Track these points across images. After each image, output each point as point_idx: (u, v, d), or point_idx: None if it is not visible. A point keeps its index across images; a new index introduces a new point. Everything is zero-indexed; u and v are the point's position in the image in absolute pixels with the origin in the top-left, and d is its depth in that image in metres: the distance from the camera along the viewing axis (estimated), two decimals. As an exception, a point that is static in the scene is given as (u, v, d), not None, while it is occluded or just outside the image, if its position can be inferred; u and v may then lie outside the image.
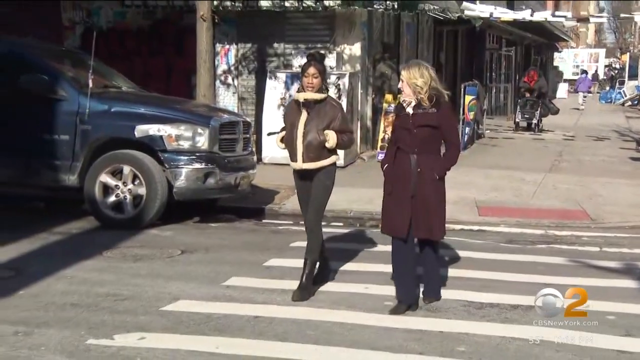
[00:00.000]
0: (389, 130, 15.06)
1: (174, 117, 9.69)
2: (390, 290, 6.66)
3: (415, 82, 5.97)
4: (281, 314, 6.12)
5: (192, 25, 12.18)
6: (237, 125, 10.34)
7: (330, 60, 15.03)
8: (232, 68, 15.70)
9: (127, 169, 9.35)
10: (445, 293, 6.82)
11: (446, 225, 9.82)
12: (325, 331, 5.73)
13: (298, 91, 6.70)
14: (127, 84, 11.03)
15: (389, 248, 8.58)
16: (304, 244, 6.69)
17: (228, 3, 14.38)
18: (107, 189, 9.49)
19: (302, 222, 7.56)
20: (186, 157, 9.42)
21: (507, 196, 12.20)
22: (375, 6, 14.59)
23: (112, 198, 9.47)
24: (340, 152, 13.89)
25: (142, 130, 9.34)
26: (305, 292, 6.56)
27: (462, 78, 22.89)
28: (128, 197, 9.38)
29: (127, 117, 9.59)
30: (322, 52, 7.49)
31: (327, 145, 6.51)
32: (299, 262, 6.86)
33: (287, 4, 14.39)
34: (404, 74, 6.09)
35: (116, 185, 9.44)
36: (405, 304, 6.18)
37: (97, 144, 9.55)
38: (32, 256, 8.10)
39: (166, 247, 8.49)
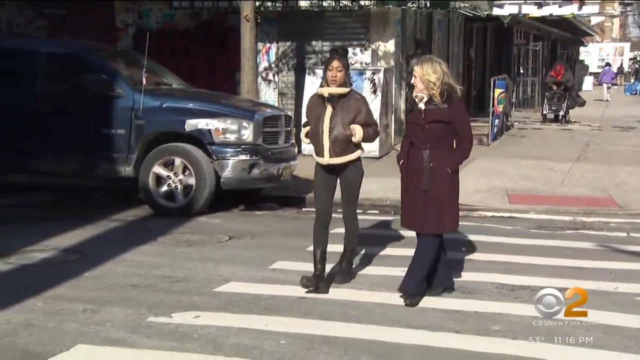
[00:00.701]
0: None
1: (221, 111, 9.84)
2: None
3: (428, 78, 5.74)
4: (324, 295, 6.20)
5: (236, 25, 12.32)
6: (279, 119, 10.44)
7: (365, 57, 15.22)
8: (273, 65, 15.79)
9: (178, 161, 9.51)
10: (479, 276, 6.89)
11: (477, 212, 10.13)
12: (366, 311, 5.83)
13: (321, 86, 6.36)
14: (176, 81, 11.20)
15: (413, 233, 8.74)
16: (342, 230, 6.72)
17: (269, 4, 14.46)
18: (159, 180, 9.67)
19: (340, 211, 7.55)
20: (232, 149, 9.56)
21: (536, 184, 12.17)
22: (408, 5, 14.59)
23: (165, 188, 9.63)
24: (376, 144, 14.20)
25: (192, 124, 9.49)
26: (344, 277, 6.58)
27: (491, 72, 22.80)
28: (179, 186, 9.54)
29: (178, 112, 9.75)
30: (346, 48, 6.96)
31: (354, 139, 6.22)
32: (338, 247, 6.92)
33: (325, 3, 14.47)
34: (417, 69, 5.84)
35: (168, 176, 9.61)
36: (418, 295, 6.03)
37: (150, 138, 9.71)
38: (94, 241, 8.29)
39: (215, 233, 8.61)
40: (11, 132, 10.11)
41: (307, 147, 13.83)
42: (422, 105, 5.81)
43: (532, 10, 20.53)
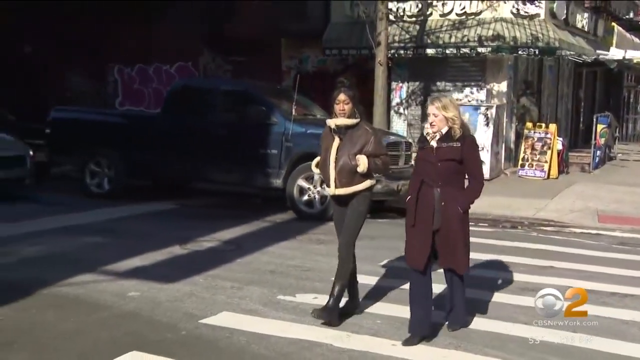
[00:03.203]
0: (529, 151, 14.78)
1: None
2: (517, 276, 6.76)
3: (448, 114, 4.76)
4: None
5: (374, 68, 12.55)
6: (400, 145, 10.51)
7: (480, 95, 15.04)
8: (403, 101, 15.84)
9: (317, 176, 9.58)
10: (557, 281, 6.71)
11: (568, 229, 9.83)
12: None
13: (331, 117, 5.41)
14: (321, 113, 11.44)
15: (517, 243, 8.63)
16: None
17: (402, 51, 14.66)
18: (302, 190, 9.93)
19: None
20: None
21: (626, 208, 11.52)
22: (519, 52, 14.33)
23: (305, 197, 9.90)
24: (486, 167, 14.01)
25: None
26: (326, 314, 5.22)
27: (600, 110, 21.70)
28: (317, 197, 9.80)
29: (318, 137, 10.00)
30: (351, 79, 5.73)
31: (358, 169, 5.18)
32: None
33: (448, 51, 14.46)
34: (435, 106, 4.79)
35: (308, 188, 9.87)
36: (418, 336, 4.89)
37: (296, 157, 9.99)
38: (248, 236, 8.64)
39: None
40: (197, 150, 10.85)
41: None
42: (434, 143, 4.83)
43: (636, 55, 19.55)
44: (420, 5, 14.96)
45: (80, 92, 19.46)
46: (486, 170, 13.91)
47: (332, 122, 5.34)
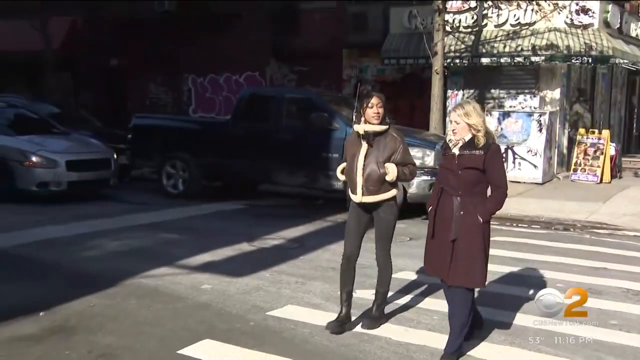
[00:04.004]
0: (581, 156, 14.35)
1: (411, 142, 9.67)
2: (570, 277, 6.55)
3: (471, 121, 4.28)
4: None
5: (431, 77, 12.44)
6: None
7: (534, 102, 14.70)
8: (459, 108, 15.65)
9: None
10: (610, 281, 6.52)
11: (620, 232, 9.51)
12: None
13: (357, 122, 4.93)
14: None
15: (570, 245, 8.41)
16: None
17: (457, 61, 14.48)
18: (364, 192, 9.98)
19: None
20: (418, 171, 9.64)
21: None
22: (573, 61, 13.94)
23: (367, 198, 9.94)
24: (539, 171, 13.70)
25: None
26: (373, 322, 5.03)
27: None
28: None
29: None
30: (374, 84, 5.01)
31: (387, 178, 4.78)
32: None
33: (502, 60, 14.19)
34: (457, 113, 4.33)
35: (370, 190, 9.91)
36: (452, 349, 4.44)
37: None
38: (311, 235, 8.65)
39: (400, 234, 8.39)
40: (263, 154, 10.98)
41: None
42: (456, 150, 4.36)
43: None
44: (475, 17, 14.74)
45: (158, 100, 20.02)
46: (539, 174, 13.61)
47: (360, 128, 4.87)
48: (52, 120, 12.23)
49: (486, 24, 14.65)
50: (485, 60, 14.35)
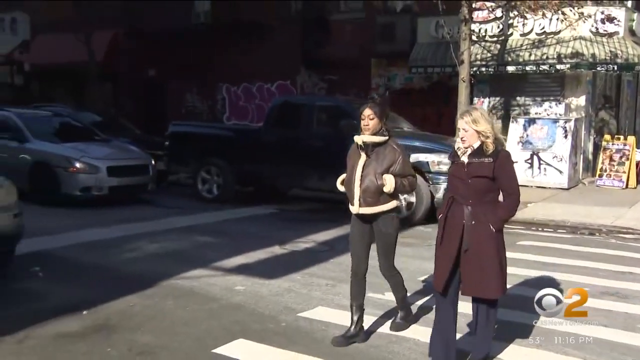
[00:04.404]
0: (607, 162, 14.08)
1: (437, 148, 9.86)
2: (596, 281, 6.41)
3: (479, 127, 4.00)
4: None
5: (457, 85, 12.35)
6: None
7: (559, 109, 14.46)
8: (485, 115, 15.49)
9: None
10: (636, 286, 6.37)
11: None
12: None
13: (359, 133, 4.74)
14: (407, 126, 11.41)
15: (596, 250, 8.26)
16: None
17: (483, 69, 14.34)
18: (391, 197, 9.95)
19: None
20: (444, 177, 9.47)
21: None
22: (598, 68, 13.69)
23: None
24: (565, 177, 13.48)
25: (415, 157, 9.51)
26: (401, 325, 4.96)
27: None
28: (404, 203, 9.63)
29: (405, 148, 9.93)
30: (382, 94, 4.62)
31: (384, 189, 4.55)
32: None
33: (527, 68, 14.00)
34: (465, 120, 4.05)
35: (401, 197, 9.87)
36: None
37: None
38: (340, 238, 8.47)
39: (427, 238, 8.58)
40: (294, 159, 11.01)
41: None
42: (464, 158, 4.09)
43: None
44: (501, 26, 14.59)
45: (194, 108, 20.25)
46: (564, 180, 13.39)
47: (359, 139, 4.67)
48: (94, 129, 12.46)
49: (512, 33, 14.48)
50: (510, 69, 14.17)
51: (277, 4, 18.04)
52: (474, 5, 12.02)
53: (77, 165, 10.51)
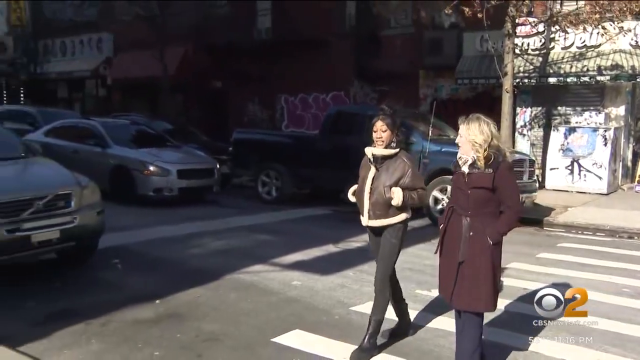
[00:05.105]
0: (646, 169, 13.52)
1: None
2: (635, 282, 6.19)
3: (474, 139, 3.71)
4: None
5: (501, 95, 12.09)
6: (524, 162, 10.03)
7: (599, 118, 13.98)
8: (527, 123, 15.05)
9: (449, 188, 9.53)
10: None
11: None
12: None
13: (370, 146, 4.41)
14: (454, 134, 11.20)
15: (634, 252, 7.95)
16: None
17: (526, 80, 14.00)
18: (436, 200, 9.76)
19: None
20: None
21: None
22: (638, 80, 13.16)
23: (439, 206, 9.68)
24: (604, 183, 13.01)
25: None
26: (363, 355, 4.28)
27: None
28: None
29: (452, 155, 9.55)
30: (393, 106, 4.51)
31: (392, 203, 4.23)
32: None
33: (568, 80, 13.59)
34: (462, 129, 3.80)
35: (442, 198, 9.68)
36: None
37: (432, 171, 9.79)
38: None
39: None
40: (348, 164, 10.82)
41: (550, 183, 13.41)
42: (465, 169, 3.78)
43: None
44: (543, 40, 14.21)
45: (255, 117, 20.52)
46: (604, 186, 12.94)
47: (369, 151, 4.37)
48: (166, 135, 12.78)
49: (553, 47, 14.10)
50: (552, 80, 13.78)
51: (332, 21, 18.09)
52: (517, 21, 11.75)
53: (151, 168, 10.79)
